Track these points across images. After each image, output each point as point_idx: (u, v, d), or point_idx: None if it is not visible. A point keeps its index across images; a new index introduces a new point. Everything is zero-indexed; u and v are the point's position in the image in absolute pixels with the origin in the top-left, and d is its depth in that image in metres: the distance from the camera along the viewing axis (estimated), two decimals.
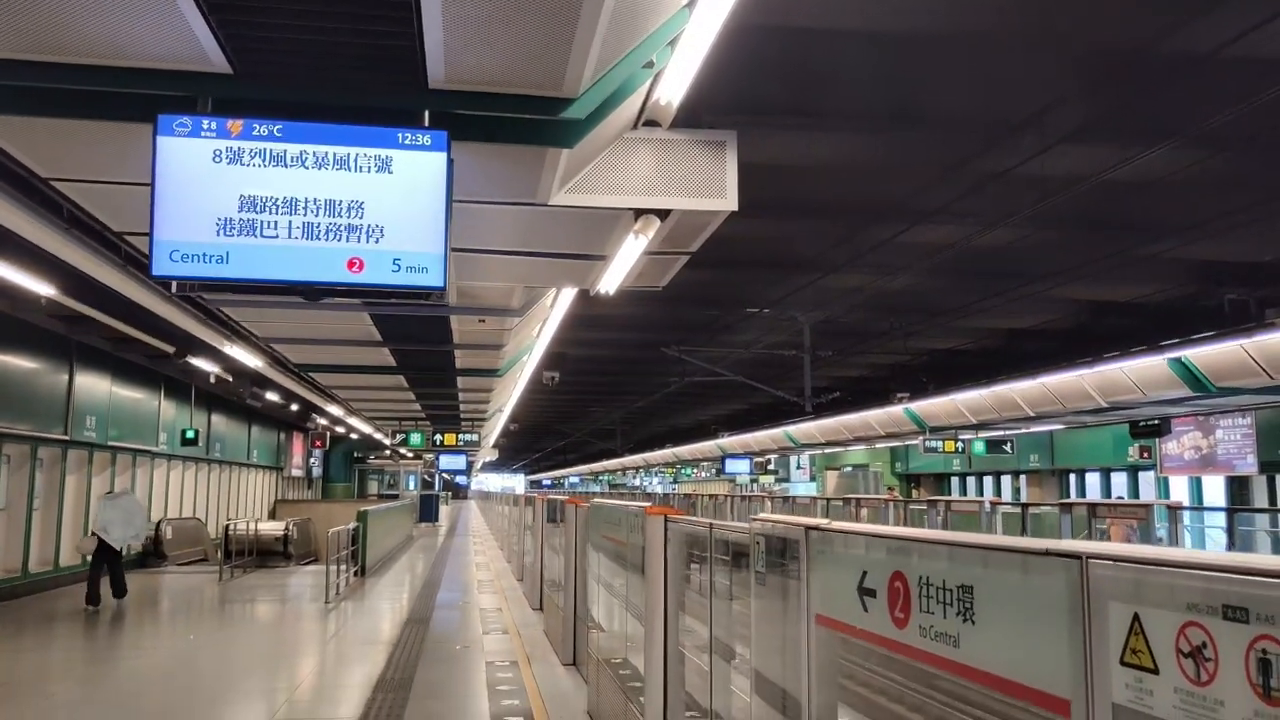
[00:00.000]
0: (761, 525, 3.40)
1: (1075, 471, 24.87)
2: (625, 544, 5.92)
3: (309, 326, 11.19)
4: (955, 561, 2.23)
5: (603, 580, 7.23)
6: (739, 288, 15.75)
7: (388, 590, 15.15)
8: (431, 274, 4.10)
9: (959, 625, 2.17)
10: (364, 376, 15.55)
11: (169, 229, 3.95)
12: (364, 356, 13.54)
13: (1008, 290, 14.17)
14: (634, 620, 5.60)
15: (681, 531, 4.88)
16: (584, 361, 22.47)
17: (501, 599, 13.43)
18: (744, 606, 3.69)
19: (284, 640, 10.40)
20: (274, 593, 14.66)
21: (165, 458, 19.84)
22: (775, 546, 3.27)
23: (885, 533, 2.63)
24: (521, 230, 6.43)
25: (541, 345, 13.15)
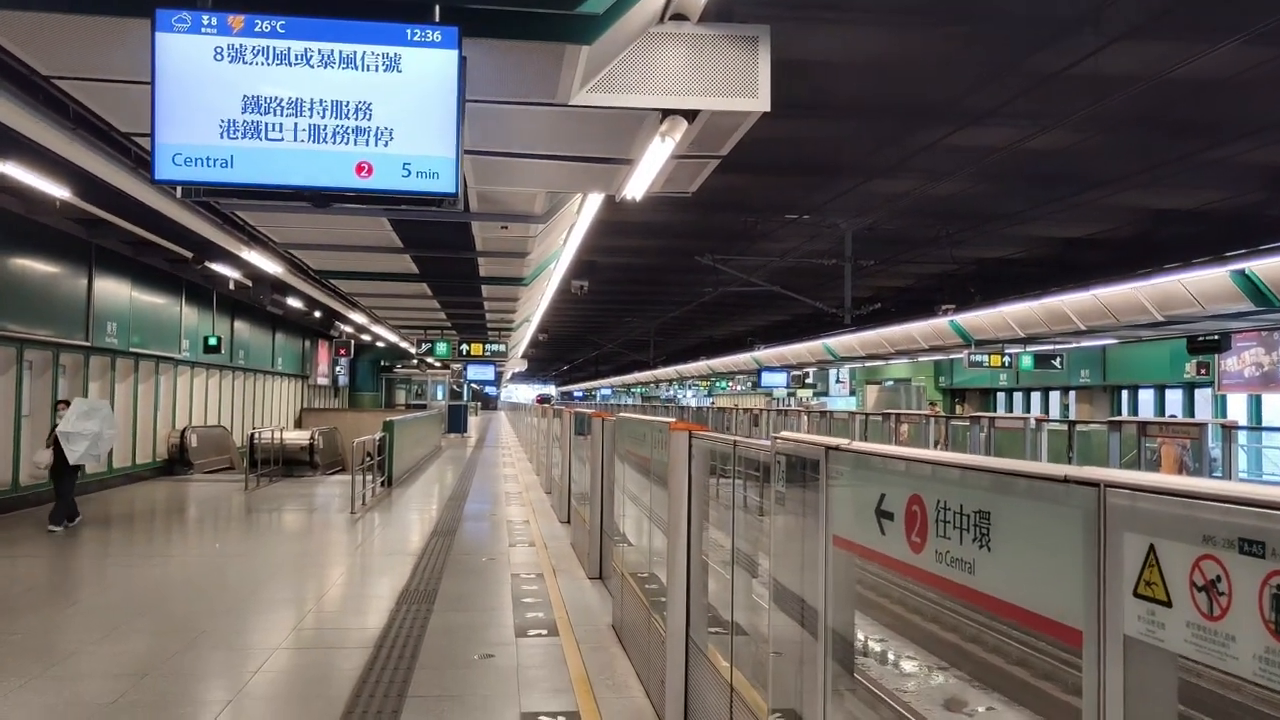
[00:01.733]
0: (783, 444, 3.42)
1: (1128, 388, 24.65)
2: (651, 459, 5.98)
3: (327, 232, 11.21)
4: (973, 486, 2.22)
5: (629, 494, 7.33)
6: (776, 193, 15.54)
7: (414, 501, 15.51)
8: (443, 179, 4.07)
9: (975, 551, 2.17)
10: (386, 284, 15.63)
11: (171, 131, 3.94)
12: (385, 263, 13.59)
13: (1062, 197, 13.86)
14: (660, 535, 5.69)
15: (706, 448, 4.92)
16: (614, 270, 22.41)
17: (529, 511, 13.69)
18: (767, 522, 3.73)
19: (309, 550, 10.71)
20: (300, 502, 15.06)
21: (188, 365, 20.22)
22: (796, 465, 3.28)
23: (903, 454, 2.62)
24: (542, 132, 6.35)
25: (569, 253, 13.10)
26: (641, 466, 6.57)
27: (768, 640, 3.56)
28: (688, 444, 5.03)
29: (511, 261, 13.08)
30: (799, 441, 3.28)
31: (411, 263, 13.40)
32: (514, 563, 9.67)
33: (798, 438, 3.33)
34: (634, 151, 6.62)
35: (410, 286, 15.91)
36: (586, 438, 10.17)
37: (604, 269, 19.93)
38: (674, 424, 5.20)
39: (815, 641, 3.00)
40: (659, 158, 6.30)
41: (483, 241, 11.64)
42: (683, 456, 5.04)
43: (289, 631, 6.99)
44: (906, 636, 8.43)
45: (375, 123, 4.03)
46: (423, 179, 4.05)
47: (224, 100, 3.96)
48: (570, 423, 12.37)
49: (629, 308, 32.77)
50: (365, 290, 17.09)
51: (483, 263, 13.38)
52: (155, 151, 3.97)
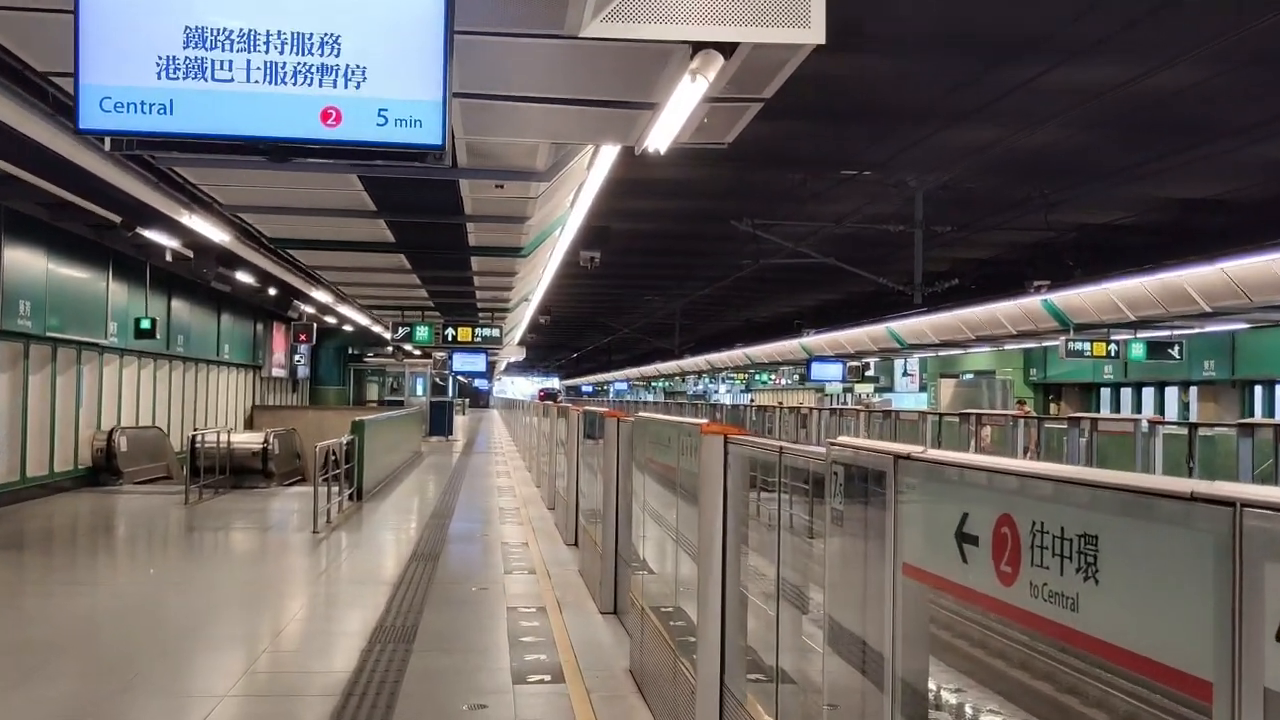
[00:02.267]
0: (840, 452, 3.41)
1: (1263, 383, 24.45)
2: (677, 469, 5.99)
3: (286, 192, 11.25)
4: (1077, 504, 2.21)
5: (650, 512, 7.35)
6: (830, 144, 15.49)
7: (390, 518, 15.57)
8: (427, 128, 4.07)
9: (1079, 584, 2.16)
10: (356, 255, 15.69)
11: (98, 70, 3.96)
12: (354, 230, 13.64)
13: (1184, 149, 13.75)
14: (688, 561, 5.70)
15: (745, 455, 4.92)
16: (632, 239, 22.44)
17: (528, 531, 13.75)
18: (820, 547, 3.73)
19: (263, 577, 10.79)
20: (251, 519, 15.16)
21: (117, 353, 20.39)
22: (857, 478, 3.28)
23: (990, 465, 2.61)
24: (547, 71, 6.35)
25: (577, 218, 13.13)
26: (665, 477, 6.57)
27: (820, 691, 3.56)
28: (722, 450, 5.02)
29: (508, 228, 13.10)
30: (860, 449, 3.27)
31: (387, 229, 13.45)
32: (510, 593, 9.71)
33: (859, 444, 3.32)
34: (658, 94, 6.61)
35: (385, 258, 15.96)
36: (598, 442, 10.19)
37: (619, 237, 19.92)
38: (705, 425, 5.21)
39: (880, 693, 3.00)
40: (689, 101, 6.29)
41: (473, 204, 11.67)
42: (716, 466, 5.03)
43: (239, 676, 7.05)
44: (989, 687, 8.42)
45: (344, 59, 4.04)
46: (402, 128, 4.06)
47: (162, 32, 3.98)
48: (578, 424, 12.40)
49: (649, 284, 32.80)
50: (331, 262, 17.17)
51: (473, 229, 13.41)
52: (79, 95, 3.99)
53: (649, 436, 7.25)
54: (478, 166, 9.57)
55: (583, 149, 9.68)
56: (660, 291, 34.03)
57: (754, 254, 21.46)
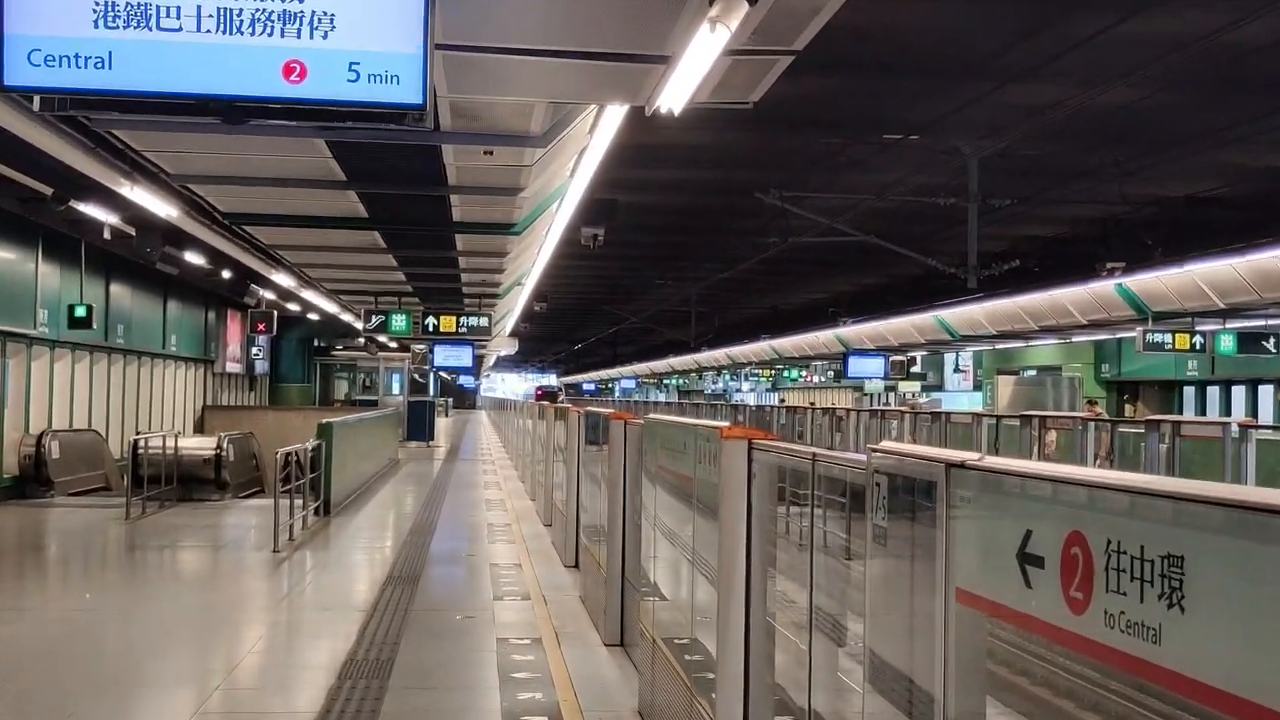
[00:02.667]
0: (883, 459, 3.40)
1: None
2: (694, 479, 5.99)
3: (240, 160, 11.27)
4: (1159, 520, 2.19)
5: (662, 528, 7.35)
6: (871, 105, 15.47)
7: (362, 535, 15.60)
8: (405, 84, 4.07)
9: (1161, 612, 2.15)
10: (322, 232, 15.72)
11: (25, 19, 3.95)
12: (321, 203, 13.65)
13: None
14: (706, 586, 5.71)
15: (773, 464, 4.92)
16: (641, 214, 22.43)
17: (521, 551, 13.77)
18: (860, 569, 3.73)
19: (216, 604, 10.81)
20: (202, 536, 15.20)
21: (47, 344, 20.45)
22: (903, 489, 3.27)
23: (1058, 474, 2.60)
24: (543, 19, 6.35)
25: (578, 190, 13.13)
26: (679, 489, 6.57)
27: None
28: (746, 458, 5.02)
29: (498, 201, 13.11)
30: (906, 456, 3.26)
31: (358, 203, 13.47)
32: (501, 622, 9.72)
33: (904, 450, 3.31)
34: (671, 45, 6.60)
35: (356, 236, 15.98)
36: (601, 449, 10.19)
37: (627, 212, 19.91)
38: (726, 429, 5.20)
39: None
40: (707, 54, 6.28)
41: (458, 173, 11.68)
42: (739, 475, 5.04)
43: (189, 718, 7.07)
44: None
45: (309, 5, 4.02)
46: (376, 84, 4.05)
47: None
48: (579, 428, 12.41)
49: (661, 267, 32.79)
50: (294, 241, 17.20)
51: (457, 203, 13.42)
52: (3, 47, 3.99)
53: (661, 442, 7.25)
54: (463, 130, 9.57)
55: (584, 110, 9.67)
56: (674, 275, 34.01)
57: (782, 231, 21.43)
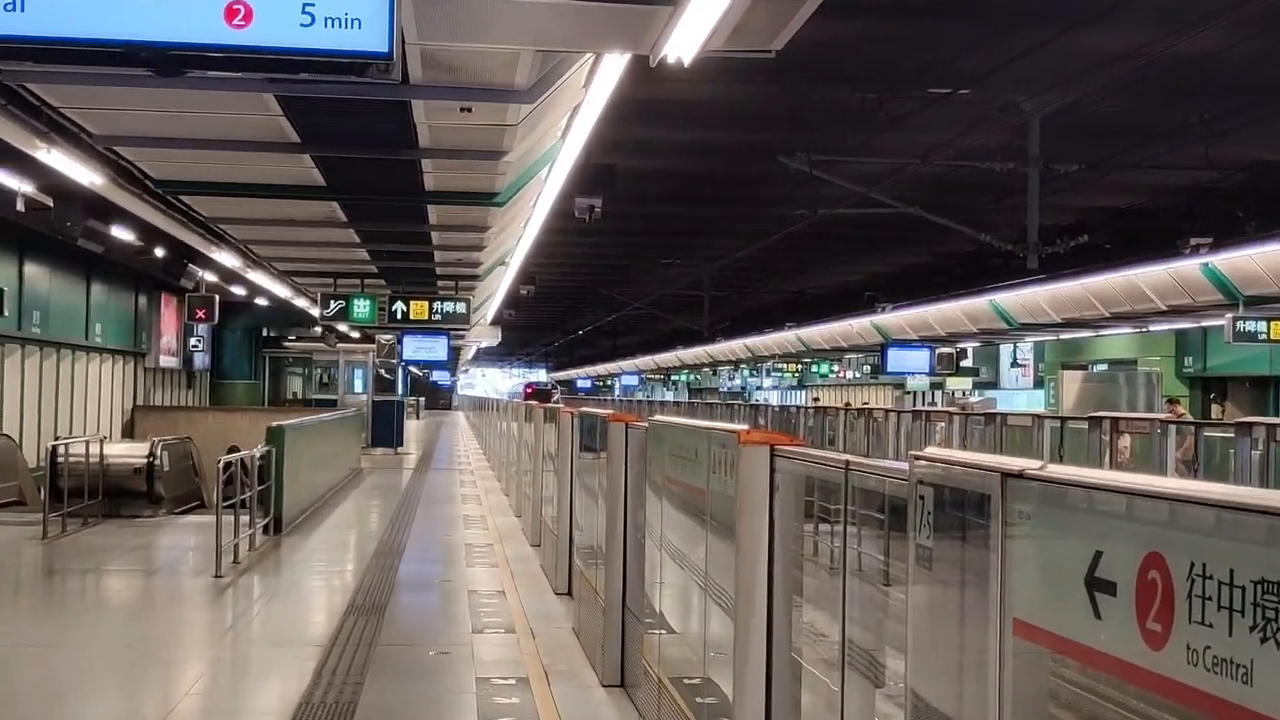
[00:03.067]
0: (928, 467, 3.40)
1: None
2: (706, 492, 6.00)
3: (176, 119, 11.26)
4: (1252, 539, 2.18)
5: (670, 549, 7.36)
6: (914, 53, 15.45)
7: (319, 557, 15.60)
8: (368, 29, 4.06)
9: (1254, 647, 2.15)
10: (273, 203, 15.71)
11: None
12: (271, 170, 13.64)
13: None
14: (720, 616, 5.71)
15: (799, 473, 4.93)
16: (645, 182, 22.43)
17: (504, 575, 13.78)
18: (900, 597, 3.73)
19: (150, 637, 10.80)
20: (133, 559, 15.19)
21: None
22: (951, 503, 3.27)
23: (1134, 486, 2.58)
24: None
25: (571, 154, 13.12)
26: (690, 503, 6.57)
27: None
28: (768, 466, 5.05)
29: (477, 167, 13.09)
30: (956, 464, 3.26)
31: (314, 169, 13.46)
32: (481, 660, 9.72)
33: (953, 458, 3.31)
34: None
35: (312, 207, 15.97)
36: (599, 456, 10.18)
37: (628, 180, 19.90)
38: (745, 433, 5.21)
39: None
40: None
41: (431, 134, 11.66)
42: (759, 487, 5.05)
43: None
44: None
45: None
46: (334, 29, 4.03)
47: None
48: (573, 432, 12.40)
49: (669, 243, 32.80)
50: (239, 213, 17.19)
51: (430, 169, 13.41)
52: None
53: (668, 448, 7.25)
54: (437, 83, 9.56)
55: (578, 60, 9.65)
56: (683, 253, 34.01)
57: (810, 202, 21.42)
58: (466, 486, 25.85)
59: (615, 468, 9.20)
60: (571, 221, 18.38)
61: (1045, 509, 2.90)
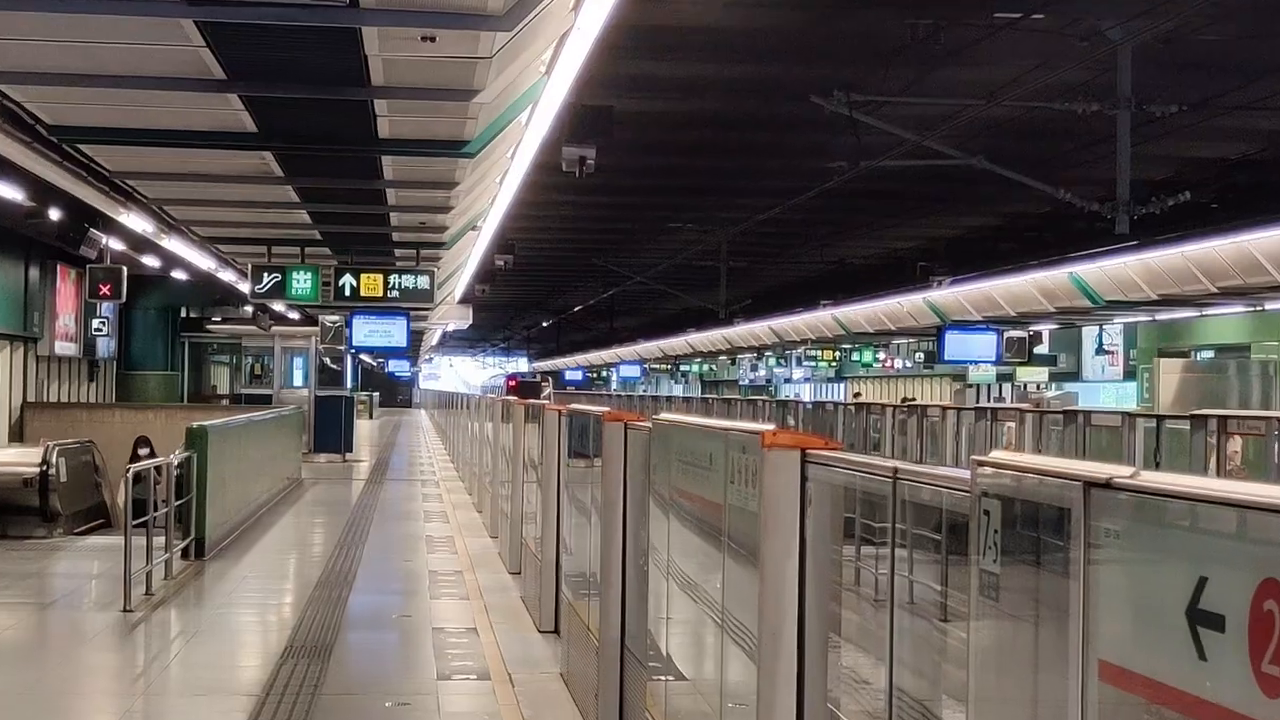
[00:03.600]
0: (993, 476, 3.40)
1: None
2: (724, 507, 6.00)
3: (75, 51, 11.24)
4: None
5: (678, 577, 7.36)
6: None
7: (251, 587, 15.60)
8: None
9: None
10: (193, 155, 15.70)
11: None
12: (191, 113, 13.63)
13: None
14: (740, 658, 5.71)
15: (836, 483, 4.94)
16: (649, 128, 22.41)
17: (477, 609, 13.80)
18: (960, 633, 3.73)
19: (42, 686, 10.79)
20: (22, 589, 15.20)
21: None
22: (1022, 520, 3.27)
23: (1247, 497, 2.58)
24: None
25: (557, 94, 13.09)
26: (703, 521, 6.58)
27: None
28: (798, 475, 5.05)
29: (443, 110, 13.08)
30: (1028, 471, 3.26)
31: (243, 111, 13.44)
32: (448, 711, 9.75)
33: (1026, 464, 3.31)
34: None
35: (241, 160, 15.98)
36: (592, 464, 10.19)
37: (629, 125, 19.90)
38: (770, 434, 5.21)
39: None
40: None
41: (386, 69, 11.66)
42: (788, 501, 5.06)
43: None
44: None
45: None
46: None
47: None
48: (561, 434, 12.41)
49: (677, 203, 32.75)
50: (152, 167, 17.18)
51: (386, 112, 13.40)
52: None
53: (676, 453, 7.25)
54: (392, 6, 9.55)
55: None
56: (695, 216, 33.97)
57: (851, 152, 21.41)
58: (430, 501, 25.87)
59: (612, 477, 9.21)
60: (559, 176, 18.36)
61: (1138, 526, 2.90)
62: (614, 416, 9.43)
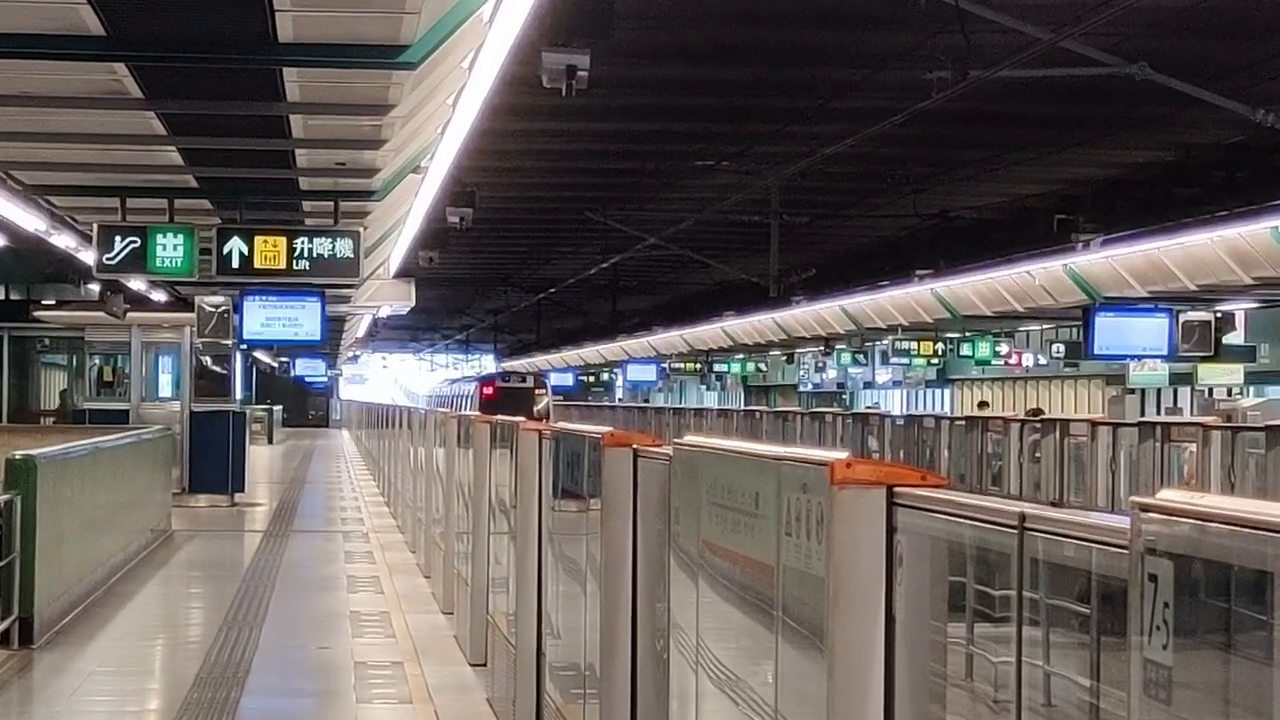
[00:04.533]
0: (1164, 526, 3.39)
1: None
2: (777, 567, 6.01)
3: None
4: None
5: (711, 669, 7.37)
6: None
7: (99, 690, 15.64)
8: None
9: None
10: (15, 68, 15.74)
11: None
12: (14, 8, 13.64)
13: None
14: None
15: (936, 534, 4.95)
16: (662, 25, 22.43)
17: (423, 715, 13.82)
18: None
19: None
20: None
21: None
22: (1208, 586, 3.27)
23: None
24: None
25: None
26: (747, 588, 6.58)
27: None
28: (884, 523, 5.08)
29: (372, 2, 13.10)
30: (1212, 519, 3.25)
31: (85, 5, 13.47)
32: None
33: (1211, 508, 3.30)
34: None
35: (83, 75, 16.04)
36: (587, 506, 10.20)
37: (634, 24, 19.97)
38: (843, 464, 5.20)
39: None
40: None
41: None
42: (868, 559, 5.11)
43: None
44: None
45: None
46: None
47: None
48: (542, 465, 12.44)
49: (706, 133, 32.72)
50: None
51: (290, 5, 13.42)
52: None
53: (707, 494, 7.27)
54: None
55: None
56: (732, 149, 33.95)
57: (957, 58, 21.41)
58: (357, 561, 25.94)
59: (616, 528, 9.23)
60: (539, 95, 18.42)
61: None
62: (617, 439, 9.45)
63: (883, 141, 28.78)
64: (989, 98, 23.79)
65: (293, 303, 27.19)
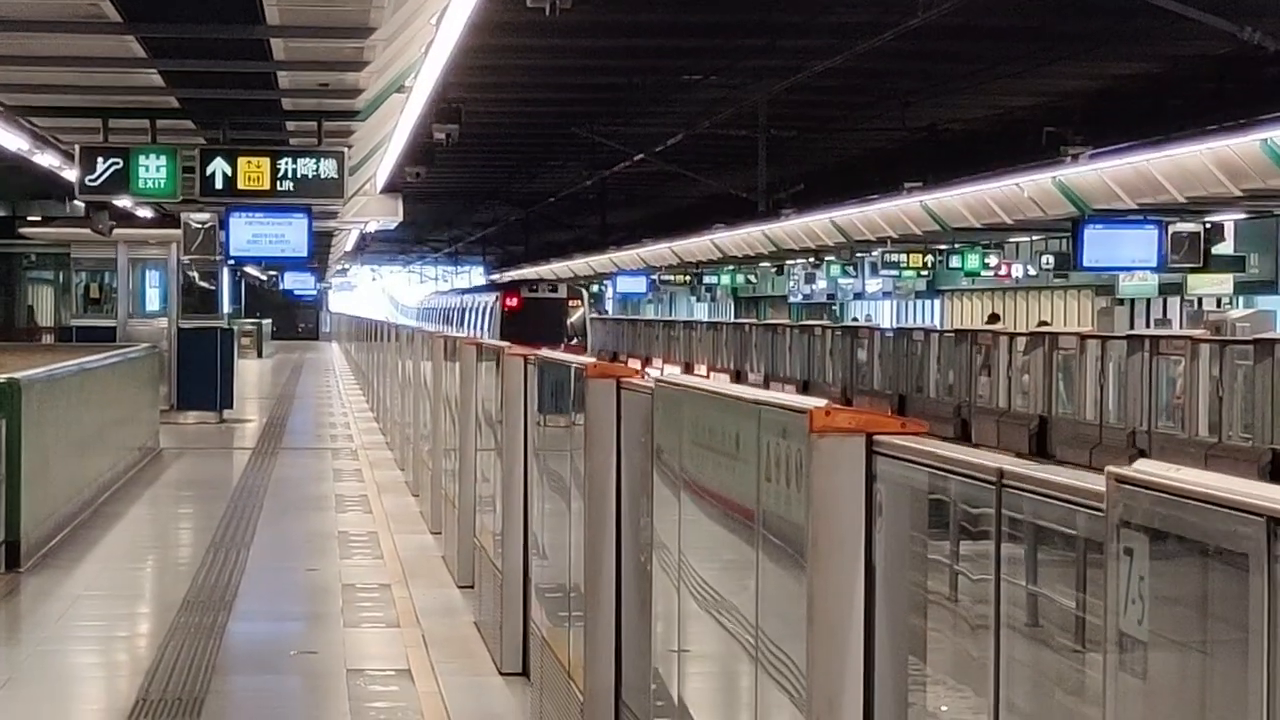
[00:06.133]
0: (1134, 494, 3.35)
1: None
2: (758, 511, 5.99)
3: None
4: None
5: (694, 587, 7.34)
6: None
7: (86, 611, 15.72)
8: None
9: None
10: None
11: None
12: None
13: None
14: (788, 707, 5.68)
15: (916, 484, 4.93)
16: None
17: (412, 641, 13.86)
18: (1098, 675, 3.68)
19: None
20: None
21: None
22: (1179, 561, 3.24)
23: None
24: None
25: None
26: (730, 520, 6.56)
27: None
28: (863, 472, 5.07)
29: None
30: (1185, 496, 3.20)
31: None
32: None
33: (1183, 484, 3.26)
34: None
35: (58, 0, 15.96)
36: (573, 424, 10.19)
37: None
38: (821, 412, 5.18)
39: None
40: None
41: None
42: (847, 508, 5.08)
43: None
44: None
45: None
46: None
47: None
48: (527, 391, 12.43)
49: (695, 46, 32.66)
50: None
51: None
52: None
53: (690, 433, 7.24)
54: None
55: None
56: (721, 63, 33.90)
57: None
58: (346, 480, 25.97)
59: (599, 458, 9.22)
60: (524, 11, 18.31)
61: None
62: (601, 370, 9.42)
63: (870, 56, 28.71)
64: (977, 11, 23.71)
65: (279, 219, 27.10)
